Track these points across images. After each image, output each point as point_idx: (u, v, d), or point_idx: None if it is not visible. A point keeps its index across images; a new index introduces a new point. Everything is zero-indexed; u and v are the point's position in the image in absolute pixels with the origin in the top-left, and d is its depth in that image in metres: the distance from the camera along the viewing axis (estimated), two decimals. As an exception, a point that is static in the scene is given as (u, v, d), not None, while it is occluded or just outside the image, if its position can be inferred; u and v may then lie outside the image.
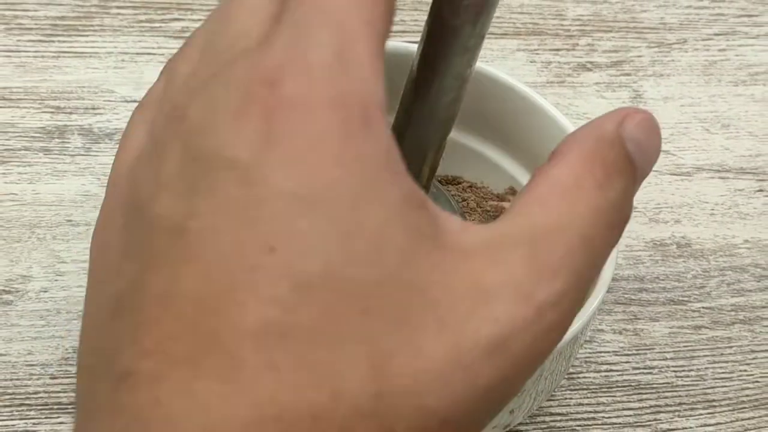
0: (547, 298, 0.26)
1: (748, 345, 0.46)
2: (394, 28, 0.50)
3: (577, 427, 0.43)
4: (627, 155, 0.30)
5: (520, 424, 0.40)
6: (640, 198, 0.50)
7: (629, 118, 0.30)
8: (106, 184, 0.46)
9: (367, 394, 0.25)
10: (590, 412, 0.43)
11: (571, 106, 0.53)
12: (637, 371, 0.45)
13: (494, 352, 0.26)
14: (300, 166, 0.25)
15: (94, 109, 0.50)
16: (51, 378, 0.42)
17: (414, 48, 0.38)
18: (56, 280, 0.44)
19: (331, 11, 0.27)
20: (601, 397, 0.44)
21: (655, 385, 0.44)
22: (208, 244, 0.25)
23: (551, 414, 0.43)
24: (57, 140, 0.49)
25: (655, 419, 0.43)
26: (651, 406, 0.44)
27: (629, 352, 0.45)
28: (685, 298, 0.47)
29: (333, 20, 0.27)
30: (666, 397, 0.44)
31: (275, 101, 0.26)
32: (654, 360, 0.45)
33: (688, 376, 0.45)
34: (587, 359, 0.44)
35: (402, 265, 0.26)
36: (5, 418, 0.40)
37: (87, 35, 0.53)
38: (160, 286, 0.25)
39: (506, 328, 0.26)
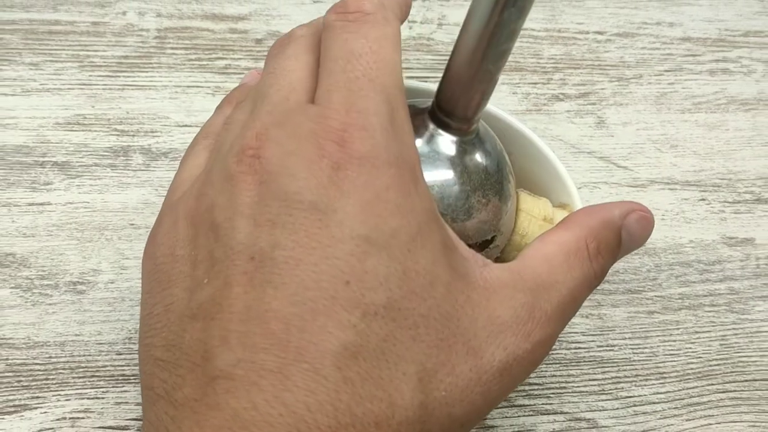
0: (541, 338, 0.28)
1: (693, 327, 0.46)
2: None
3: (551, 395, 0.43)
4: (619, 240, 0.31)
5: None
6: (603, 206, 0.50)
7: (633, 213, 0.31)
8: (163, 194, 0.46)
9: (414, 404, 0.26)
10: (562, 382, 0.43)
11: (546, 130, 0.53)
12: (601, 348, 0.45)
13: (504, 373, 0.28)
14: (370, 215, 0.26)
15: (152, 132, 0.50)
16: (117, 354, 0.42)
17: (416, 84, 0.38)
18: (121, 273, 0.44)
19: (376, 78, 0.28)
20: (571, 369, 0.44)
21: (615, 360, 0.44)
22: (293, 273, 0.25)
23: (530, 384, 0.43)
24: (122, 158, 0.49)
25: (616, 388, 0.43)
26: (612, 378, 0.44)
27: (594, 333, 0.45)
28: (641, 288, 0.47)
29: (381, 87, 0.28)
30: (625, 370, 0.44)
31: (345, 157, 0.26)
32: (615, 339, 0.45)
33: (643, 353, 0.45)
34: (559, 339, 0.44)
35: (444, 298, 0.26)
36: (79, 387, 0.40)
37: (147, 71, 0.53)
38: (247, 303, 0.25)
39: (511, 356, 0.28)
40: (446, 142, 0.32)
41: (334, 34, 0.29)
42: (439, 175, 0.32)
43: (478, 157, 0.32)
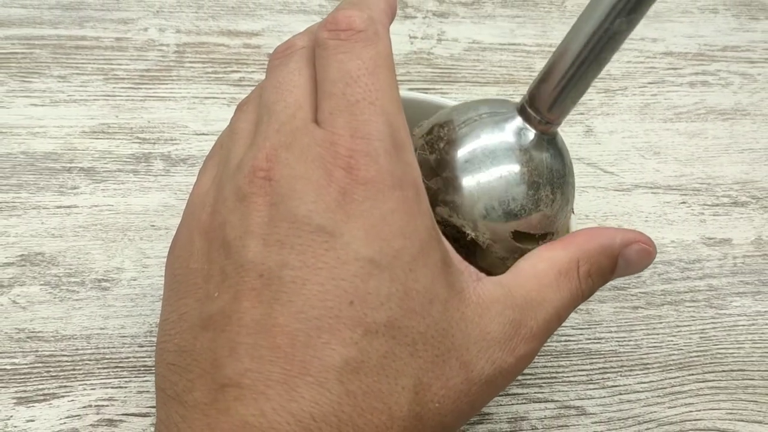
0: (525, 353, 0.28)
1: (674, 321, 0.46)
2: (403, 78, 0.50)
3: (542, 384, 0.43)
4: (614, 266, 0.31)
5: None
6: (591, 208, 0.50)
7: (636, 244, 0.31)
8: (182, 198, 0.46)
9: (411, 415, 0.26)
10: (553, 372, 0.43)
11: (537, 138, 0.53)
12: (589, 341, 0.45)
13: (489, 384, 0.28)
14: (375, 238, 0.26)
15: (172, 140, 0.50)
16: (139, 346, 0.42)
17: (418, 95, 0.38)
18: (143, 271, 0.44)
19: (376, 101, 0.27)
20: (561, 361, 0.44)
21: (602, 352, 0.44)
22: (299, 291, 0.25)
23: (523, 374, 0.43)
24: (143, 164, 0.49)
25: (603, 378, 0.43)
26: (599, 368, 0.44)
27: (583, 327, 0.45)
28: (626, 285, 0.47)
29: (381, 110, 0.27)
30: (611, 361, 0.44)
31: (352, 183, 0.26)
32: (602, 333, 0.45)
33: (628, 345, 0.45)
34: (550, 332, 0.44)
35: (441, 316, 0.26)
36: (104, 377, 0.41)
37: (166, 83, 0.53)
38: (255, 317, 0.25)
39: (497, 369, 0.28)
40: (529, 135, 0.32)
41: (328, 54, 0.28)
42: (517, 165, 0.31)
43: (553, 155, 0.32)
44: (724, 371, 0.44)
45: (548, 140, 0.32)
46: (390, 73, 0.28)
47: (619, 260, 0.31)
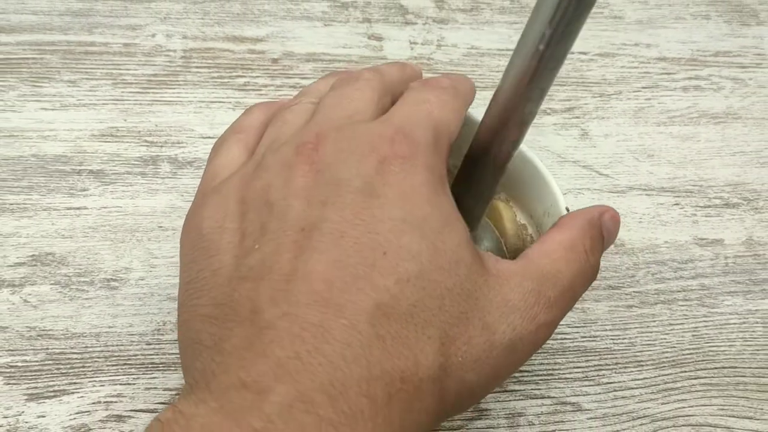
0: (545, 321, 0.29)
1: (667, 320, 0.46)
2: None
3: (539, 381, 0.43)
4: (602, 237, 0.32)
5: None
6: (586, 210, 0.50)
7: (607, 213, 0.33)
8: (189, 200, 0.46)
9: (435, 365, 0.27)
10: (549, 369, 0.43)
11: (534, 141, 0.53)
12: (585, 339, 0.45)
13: (510, 350, 0.29)
14: (407, 203, 0.28)
15: (178, 143, 0.50)
16: (146, 344, 0.42)
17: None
18: (150, 271, 0.45)
19: (432, 115, 0.31)
20: (557, 358, 0.44)
21: (597, 350, 0.44)
22: (337, 242, 0.27)
23: (520, 371, 0.43)
24: (151, 166, 0.49)
25: (598, 375, 0.43)
26: (595, 365, 0.44)
27: (578, 325, 0.45)
28: (620, 285, 0.47)
29: (436, 121, 0.31)
30: (606, 359, 0.44)
31: (391, 155, 0.28)
32: (597, 331, 0.45)
33: (622, 343, 0.45)
34: (547, 330, 0.45)
35: (467, 277, 0.28)
36: (113, 374, 0.41)
37: (173, 88, 0.53)
38: (295, 266, 0.26)
39: (518, 335, 0.29)
40: None
41: (413, 92, 0.32)
42: None
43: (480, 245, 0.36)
44: (715, 368, 0.44)
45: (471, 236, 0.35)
46: (455, 114, 0.32)
47: (603, 229, 0.33)
